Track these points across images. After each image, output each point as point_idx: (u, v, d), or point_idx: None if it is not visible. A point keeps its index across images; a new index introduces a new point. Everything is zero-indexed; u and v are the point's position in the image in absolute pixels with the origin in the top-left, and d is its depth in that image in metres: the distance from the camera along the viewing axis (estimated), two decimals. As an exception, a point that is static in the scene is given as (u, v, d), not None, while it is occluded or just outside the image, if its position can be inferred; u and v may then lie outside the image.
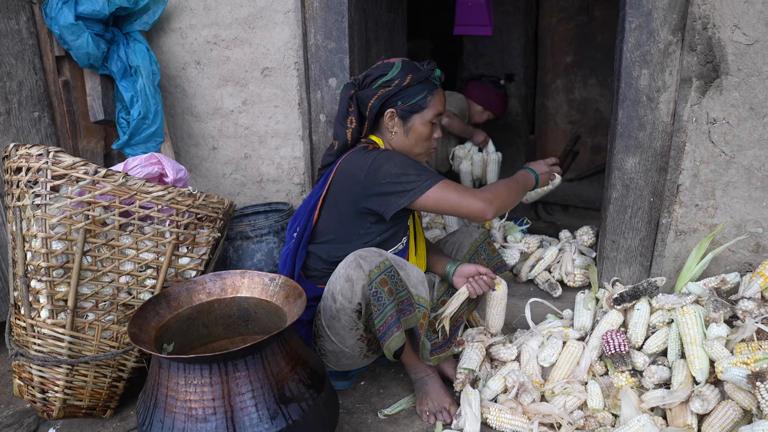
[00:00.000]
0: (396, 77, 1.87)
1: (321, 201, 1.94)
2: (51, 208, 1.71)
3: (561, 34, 4.61)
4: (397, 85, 1.86)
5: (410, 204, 1.78)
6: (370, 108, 1.88)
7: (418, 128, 1.91)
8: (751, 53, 1.95)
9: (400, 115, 1.90)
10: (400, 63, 1.90)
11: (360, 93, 1.90)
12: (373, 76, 1.90)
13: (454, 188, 1.78)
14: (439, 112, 1.92)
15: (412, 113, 1.90)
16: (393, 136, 1.93)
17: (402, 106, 1.88)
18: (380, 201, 1.80)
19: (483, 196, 1.78)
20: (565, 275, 2.57)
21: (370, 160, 1.80)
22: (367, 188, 1.80)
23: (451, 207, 1.78)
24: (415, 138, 1.93)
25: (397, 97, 1.87)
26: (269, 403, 1.45)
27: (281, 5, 2.50)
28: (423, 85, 1.88)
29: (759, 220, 2.10)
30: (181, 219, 1.87)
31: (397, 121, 1.91)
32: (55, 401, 1.87)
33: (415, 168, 1.79)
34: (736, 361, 1.69)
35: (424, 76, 1.88)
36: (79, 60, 2.40)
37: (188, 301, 1.74)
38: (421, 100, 1.88)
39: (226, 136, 2.76)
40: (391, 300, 1.72)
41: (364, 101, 1.89)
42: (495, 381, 1.95)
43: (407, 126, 1.91)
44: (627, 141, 2.20)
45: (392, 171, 1.77)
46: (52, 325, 1.78)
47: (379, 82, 1.88)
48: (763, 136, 2.01)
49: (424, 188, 1.76)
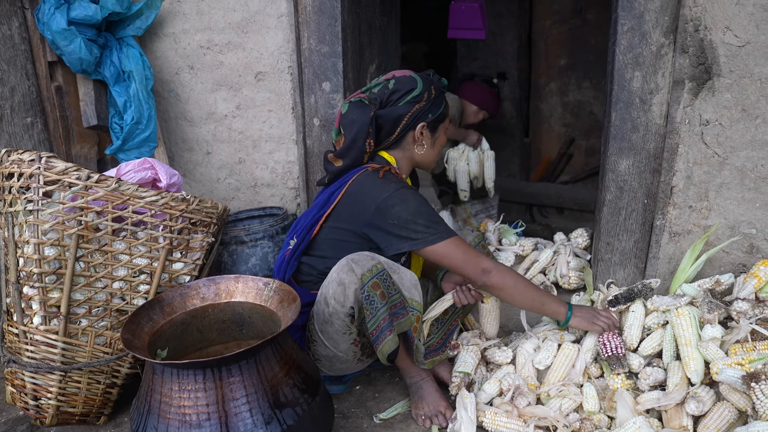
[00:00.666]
0: (425, 90, 1.87)
1: (325, 217, 1.91)
2: (43, 213, 1.70)
3: (554, 37, 4.63)
4: (427, 98, 1.87)
5: (419, 251, 1.79)
6: (404, 125, 1.87)
7: (442, 137, 1.98)
8: (743, 55, 1.96)
9: (430, 127, 1.93)
10: (416, 76, 1.90)
11: (385, 111, 1.86)
12: (401, 92, 1.85)
13: (459, 249, 1.77)
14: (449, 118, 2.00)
15: (438, 123, 1.95)
16: (420, 149, 1.94)
17: (432, 118, 1.91)
18: (383, 238, 1.79)
19: (486, 266, 1.78)
20: (560, 277, 2.57)
21: (383, 196, 1.76)
22: (373, 220, 1.79)
23: (450, 267, 1.80)
24: (439, 147, 1.99)
25: (429, 110, 1.90)
26: (264, 409, 1.44)
27: (274, 9, 2.50)
28: (443, 95, 1.94)
29: (752, 221, 2.11)
30: (175, 224, 1.86)
31: (427, 133, 1.93)
32: (48, 408, 1.86)
33: (426, 218, 1.76)
34: (731, 362, 1.69)
35: (443, 85, 1.94)
36: (71, 65, 2.40)
37: (182, 306, 1.74)
38: (444, 109, 1.94)
39: (220, 141, 2.76)
40: (384, 303, 1.71)
41: (395, 120, 1.86)
42: (490, 384, 1.94)
43: (435, 137, 1.96)
44: (620, 143, 2.20)
45: (402, 216, 1.75)
46: (45, 331, 1.77)
47: (408, 98, 1.85)
48: (756, 138, 2.02)
49: (429, 242, 1.75)
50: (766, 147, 2.02)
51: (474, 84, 3.71)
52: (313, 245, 1.94)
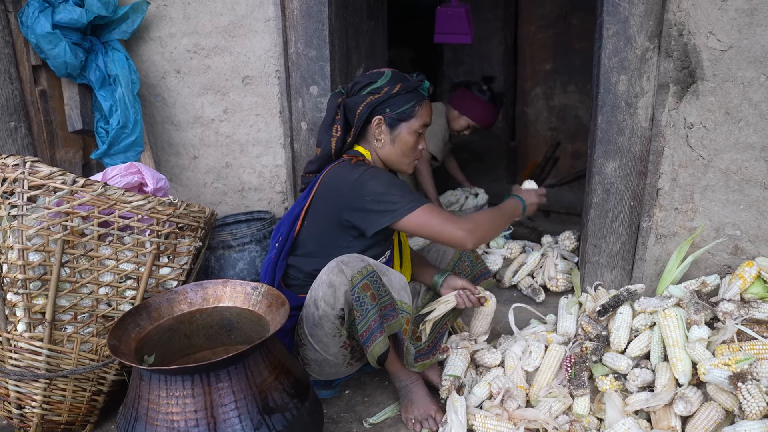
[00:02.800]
0: (385, 85, 1.88)
1: (304, 212, 1.94)
2: (28, 219, 1.67)
3: (540, 41, 4.67)
4: (386, 92, 1.87)
5: (391, 224, 1.78)
6: (359, 115, 1.89)
7: (405, 137, 1.92)
8: (726, 59, 1.99)
9: (387, 123, 1.91)
10: (390, 72, 1.92)
11: (348, 100, 1.92)
12: (362, 83, 1.91)
13: (437, 214, 1.77)
14: (425, 123, 1.94)
15: (400, 122, 1.91)
16: (379, 144, 1.94)
17: (390, 113, 1.89)
18: (362, 217, 1.79)
19: (465, 226, 1.77)
20: (548, 280, 2.58)
21: (355, 175, 1.79)
22: (350, 202, 1.79)
23: (431, 233, 1.78)
24: (401, 147, 1.93)
25: (386, 104, 1.89)
26: (253, 414, 1.43)
27: (261, 13, 2.49)
28: (412, 94, 1.90)
29: (737, 223, 2.14)
30: (162, 229, 1.85)
31: (384, 129, 1.91)
32: (33, 417, 1.83)
33: (399, 189, 1.79)
34: (718, 363, 1.71)
35: (413, 86, 1.90)
36: (56, 69, 2.37)
37: (169, 311, 1.72)
38: (409, 109, 1.90)
39: (207, 145, 2.74)
40: (374, 305, 1.71)
41: (353, 108, 1.90)
42: (480, 387, 1.94)
43: (394, 134, 1.92)
44: (607, 146, 2.22)
45: (376, 189, 1.77)
46: (29, 338, 1.74)
47: (368, 89, 1.90)
48: (739, 140, 2.05)
49: (406, 211, 1.76)
50: (749, 149, 2.05)
51: (462, 90, 3.68)
52: (297, 244, 1.95)
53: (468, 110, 3.62)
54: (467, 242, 1.77)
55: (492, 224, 1.87)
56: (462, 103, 3.60)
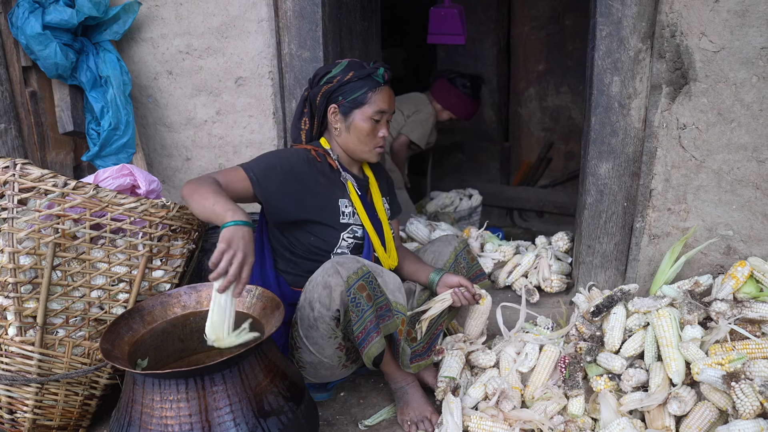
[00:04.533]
0: (338, 74, 1.91)
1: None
2: (18, 221, 1.66)
3: (533, 42, 4.68)
4: (338, 81, 1.90)
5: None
6: (318, 105, 1.95)
7: (359, 124, 1.92)
8: (718, 60, 2.00)
9: (341, 111, 1.93)
10: (346, 62, 1.96)
11: (310, 92, 1.97)
12: (320, 74, 1.96)
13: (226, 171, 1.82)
14: (380, 109, 1.91)
15: (353, 109, 1.91)
16: (337, 132, 1.97)
17: (343, 101, 1.91)
18: None
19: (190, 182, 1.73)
20: (543, 281, 2.58)
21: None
22: None
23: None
24: (357, 134, 1.93)
25: (339, 92, 1.91)
26: (248, 418, 1.42)
27: (254, 14, 2.48)
28: (364, 81, 1.91)
29: (729, 223, 2.15)
30: (155, 231, 1.83)
31: (339, 117, 1.94)
32: (24, 422, 1.81)
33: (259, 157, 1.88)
34: (711, 362, 1.72)
35: (366, 73, 1.91)
36: (47, 70, 2.35)
37: (163, 314, 1.71)
38: (361, 95, 1.90)
39: (200, 147, 2.72)
40: (370, 306, 1.71)
41: (313, 100, 1.96)
42: (476, 388, 1.94)
43: (348, 122, 1.93)
44: (600, 147, 2.23)
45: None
46: (21, 342, 1.73)
47: (324, 79, 1.93)
48: (731, 141, 2.06)
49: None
50: (741, 150, 2.06)
51: (442, 81, 3.68)
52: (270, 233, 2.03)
53: (453, 106, 3.70)
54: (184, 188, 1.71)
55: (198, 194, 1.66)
56: (447, 100, 3.68)
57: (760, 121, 2.02)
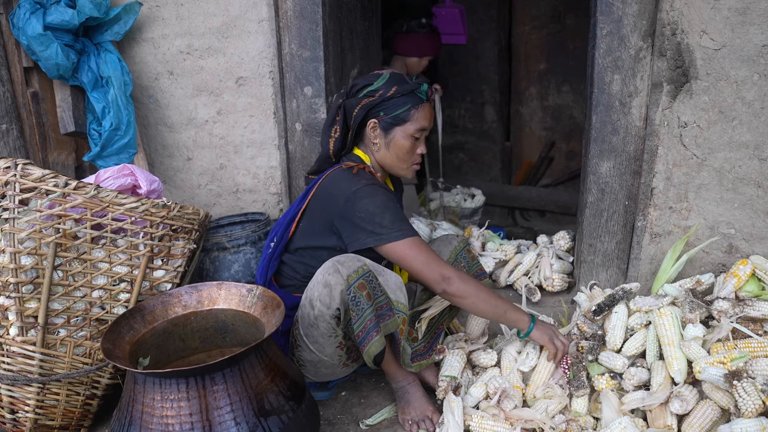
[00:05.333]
0: (381, 87, 1.88)
1: (300, 213, 1.94)
2: (20, 221, 1.66)
3: (534, 42, 4.68)
4: (381, 95, 1.86)
5: (375, 247, 1.78)
6: (354, 117, 1.89)
7: (399, 141, 1.90)
8: (719, 58, 2.00)
9: (382, 126, 1.90)
10: (388, 74, 1.91)
11: (347, 102, 1.91)
12: (360, 85, 1.91)
13: (422, 252, 1.76)
14: (422, 127, 1.90)
15: (394, 125, 1.89)
16: (376, 148, 1.94)
17: (384, 117, 1.88)
18: (350, 230, 1.79)
19: (446, 273, 1.75)
20: (544, 280, 2.58)
21: (353, 188, 1.78)
22: (342, 212, 1.80)
23: (412, 267, 1.78)
24: (396, 151, 1.92)
25: (380, 107, 1.88)
26: (248, 417, 1.42)
27: (255, 14, 2.49)
28: (407, 97, 1.88)
29: (731, 222, 2.14)
30: (156, 231, 1.84)
31: (379, 133, 1.91)
32: (26, 422, 1.81)
33: (392, 214, 1.77)
34: (713, 361, 1.71)
35: (410, 89, 1.88)
36: (48, 71, 2.36)
37: (164, 314, 1.71)
38: (403, 112, 1.87)
39: (200, 147, 2.73)
40: (370, 305, 1.71)
41: (350, 110, 1.90)
42: (477, 388, 1.94)
43: (388, 138, 1.91)
44: (601, 146, 2.22)
45: (369, 208, 1.76)
46: (22, 342, 1.73)
47: (364, 91, 1.89)
48: (733, 139, 2.06)
49: (392, 238, 1.75)
50: (743, 148, 2.06)
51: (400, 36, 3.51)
52: (291, 244, 1.96)
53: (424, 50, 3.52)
54: (440, 287, 1.76)
55: (478, 295, 1.80)
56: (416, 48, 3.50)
57: (761, 119, 2.01)
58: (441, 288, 1.77)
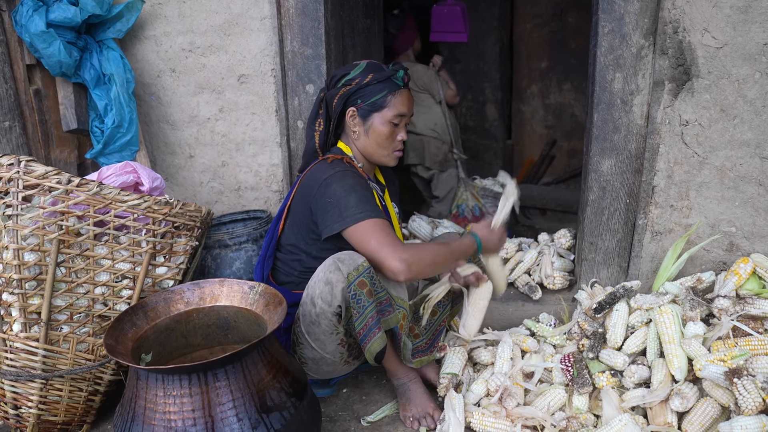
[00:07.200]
0: (357, 76, 1.89)
1: (286, 211, 1.98)
2: (23, 218, 1.67)
3: (535, 40, 4.68)
4: (357, 83, 1.88)
5: (342, 232, 1.75)
6: (334, 107, 1.92)
7: (378, 128, 1.90)
8: (721, 56, 2.00)
9: (360, 114, 1.91)
10: (365, 63, 1.94)
11: (327, 94, 1.94)
12: (338, 76, 1.93)
13: (379, 234, 1.70)
14: (400, 112, 1.90)
15: (372, 112, 1.90)
16: (355, 136, 1.95)
17: (362, 104, 1.89)
18: (321, 216, 1.79)
19: (402, 256, 1.68)
20: (545, 278, 2.58)
21: (326, 175, 1.81)
22: (316, 200, 1.81)
23: (366, 251, 1.72)
24: (376, 138, 1.92)
25: (357, 95, 1.89)
26: (250, 413, 1.43)
27: (257, 12, 2.49)
28: (384, 84, 1.89)
29: (732, 220, 2.14)
30: (158, 228, 1.84)
31: (358, 121, 1.92)
32: (29, 417, 1.82)
33: (358, 197, 1.75)
34: (714, 359, 1.72)
35: (386, 75, 1.89)
36: (50, 68, 2.36)
37: (166, 311, 1.71)
38: (380, 99, 1.88)
39: (202, 144, 2.73)
40: (371, 302, 1.71)
41: (330, 101, 1.93)
42: (478, 385, 1.95)
43: (367, 125, 1.92)
44: (602, 144, 2.23)
45: (337, 192, 1.76)
46: (25, 338, 1.74)
47: (342, 81, 1.91)
48: (734, 137, 2.06)
49: (352, 221, 1.72)
50: (744, 147, 2.06)
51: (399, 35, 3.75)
52: (281, 242, 1.99)
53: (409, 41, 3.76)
54: (399, 274, 1.68)
55: (434, 262, 1.79)
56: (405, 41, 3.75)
57: (762, 118, 2.01)
58: (397, 276, 1.69)
